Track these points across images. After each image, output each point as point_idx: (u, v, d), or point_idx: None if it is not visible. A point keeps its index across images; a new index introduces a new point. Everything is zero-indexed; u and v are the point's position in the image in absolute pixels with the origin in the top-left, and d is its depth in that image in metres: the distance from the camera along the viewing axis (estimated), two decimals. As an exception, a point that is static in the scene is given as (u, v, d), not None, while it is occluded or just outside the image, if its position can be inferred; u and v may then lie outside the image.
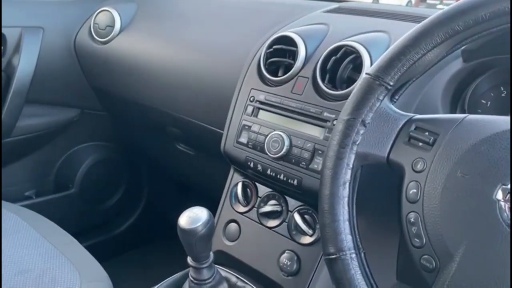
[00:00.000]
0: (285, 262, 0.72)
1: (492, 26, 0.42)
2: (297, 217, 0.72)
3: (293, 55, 0.75)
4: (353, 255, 0.43)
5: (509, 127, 0.39)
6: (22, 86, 1.08)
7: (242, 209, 0.80)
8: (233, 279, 0.73)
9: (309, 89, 0.71)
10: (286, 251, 0.72)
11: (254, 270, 0.75)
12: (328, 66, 0.69)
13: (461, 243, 0.38)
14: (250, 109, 0.77)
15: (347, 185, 0.45)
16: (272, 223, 0.75)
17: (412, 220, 0.42)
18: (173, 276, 0.71)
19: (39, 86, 1.12)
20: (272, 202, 0.76)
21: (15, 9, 1.09)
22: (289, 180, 0.70)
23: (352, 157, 0.45)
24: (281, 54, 0.77)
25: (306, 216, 0.73)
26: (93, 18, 1.14)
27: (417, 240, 0.41)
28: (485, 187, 0.38)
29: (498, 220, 0.37)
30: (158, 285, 0.70)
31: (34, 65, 1.09)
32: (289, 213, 0.74)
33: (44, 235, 0.86)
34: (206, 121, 0.94)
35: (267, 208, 0.76)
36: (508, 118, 0.41)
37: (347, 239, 0.44)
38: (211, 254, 0.65)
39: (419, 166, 0.42)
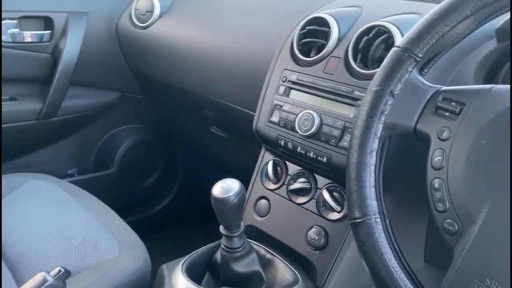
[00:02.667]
0: (313, 237, 0.74)
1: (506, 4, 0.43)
2: (325, 194, 0.74)
3: (326, 36, 0.77)
4: (378, 220, 0.45)
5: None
6: (68, 68, 1.15)
7: (272, 186, 0.82)
8: (262, 251, 0.76)
9: (341, 69, 0.73)
10: (314, 227, 0.74)
11: (282, 244, 0.77)
12: (360, 46, 0.71)
13: (483, 206, 0.40)
14: (282, 89, 0.79)
15: (374, 153, 0.47)
16: (301, 199, 0.78)
17: (436, 186, 0.43)
18: (206, 246, 0.75)
19: (83, 69, 1.18)
20: (302, 179, 0.78)
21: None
22: (319, 158, 0.72)
23: (380, 127, 0.47)
24: (314, 35, 0.79)
25: (334, 193, 0.74)
26: (134, 4, 1.18)
27: (441, 205, 0.43)
28: (508, 152, 0.39)
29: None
30: (192, 253, 0.73)
31: (79, 49, 1.15)
32: (318, 190, 0.76)
33: (86, 207, 0.92)
34: (239, 103, 0.97)
35: (296, 185, 0.78)
36: None
37: (372, 204, 0.46)
38: (242, 224, 0.68)
39: (444, 135, 0.44)
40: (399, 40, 0.68)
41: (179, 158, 1.50)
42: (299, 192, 0.78)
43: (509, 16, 0.63)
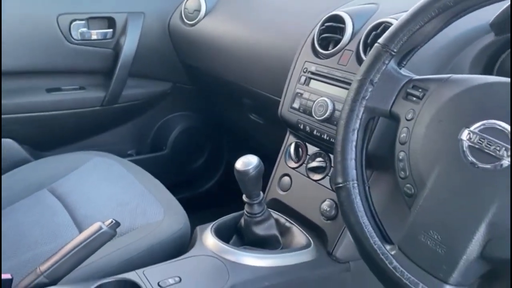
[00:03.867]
0: (326, 209, 0.84)
1: (480, 1, 0.51)
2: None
3: (342, 31, 0.86)
4: (355, 185, 0.56)
5: (482, 82, 0.48)
6: (127, 61, 1.32)
7: (294, 165, 0.94)
8: (282, 220, 0.88)
9: (353, 61, 0.82)
10: (327, 200, 0.85)
11: (300, 215, 0.89)
12: (369, 40, 0.80)
13: (432, 172, 0.49)
14: (303, 79, 0.90)
15: (355, 132, 0.57)
16: (318, 176, 0.88)
17: (400, 157, 0.53)
18: (232, 214, 0.88)
19: (140, 62, 1.35)
20: (319, 159, 0.89)
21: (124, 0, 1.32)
22: (331, 139, 0.82)
23: (362, 109, 0.57)
24: (332, 30, 0.88)
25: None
26: (183, 4, 1.33)
27: (403, 173, 0.52)
28: (453, 130, 0.48)
29: (460, 155, 0.47)
30: (221, 218, 0.87)
31: (136, 44, 1.32)
32: (332, 168, 0.86)
33: (140, 181, 1.08)
34: (270, 91, 1.08)
35: (314, 164, 0.89)
36: (484, 76, 0.50)
37: (352, 173, 0.56)
38: (261, 193, 0.80)
39: (410, 116, 0.53)
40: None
41: (224, 142, 1.64)
42: (316, 170, 0.89)
43: (500, 10, 0.69)
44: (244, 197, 0.80)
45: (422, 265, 0.47)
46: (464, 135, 0.47)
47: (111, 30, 1.30)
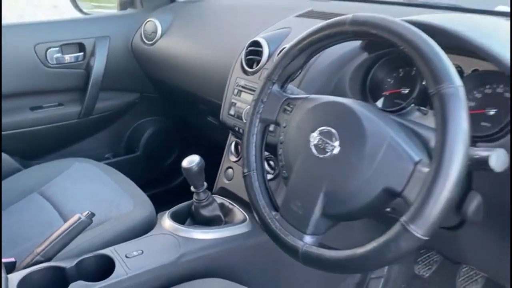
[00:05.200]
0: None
1: (323, 44, 0.75)
2: (264, 163, 1.09)
3: (261, 54, 1.10)
4: (255, 173, 0.79)
5: (324, 101, 0.72)
6: (97, 79, 1.54)
7: (235, 159, 1.17)
8: (226, 203, 1.12)
9: (269, 77, 1.06)
10: (258, 185, 1.09)
11: (240, 198, 1.13)
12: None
13: (296, 163, 0.73)
14: (236, 91, 1.14)
15: (254, 135, 0.81)
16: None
17: (279, 153, 0.77)
18: (186, 202, 1.11)
19: (109, 78, 1.57)
20: (252, 154, 1.13)
21: (91, 25, 1.54)
22: (258, 138, 1.06)
23: (257, 120, 0.81)
24: (255, 53, 1.12)
25: (270, 162, 1.09)
26: (142, 27, 1.55)
27: (281, 163, 0.76)
28: (306, 133, 0.72)
29: (309, 150, 0.71)
30: (176, 206, 1.10)
31: (104, 63, 1.54)
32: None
33: (114, 180, 1.30)
34: (218, 98, 1.32)
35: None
36: (326, 96, 0.74)
37: (253, 165, 0.80)
38: (205, 183, 1.03)
39: (284, 124, 0.77)
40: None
41: (191, 142, 1.87)
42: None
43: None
44: (191, 188, 1.04)
45: (292, 223, 0.71)
46: (311, 137, 0.71)
47: (81, 53, 1.52)
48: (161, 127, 1.81)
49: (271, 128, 0.86)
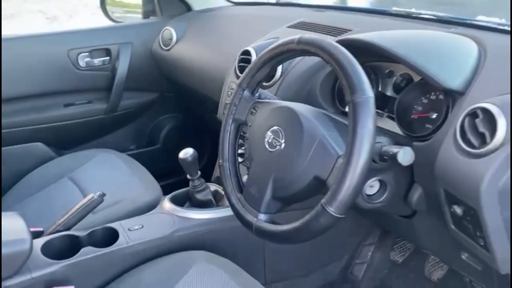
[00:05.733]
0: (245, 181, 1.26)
1: (280, 59, 0.91)
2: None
3: (251, 61, 1.26)
4: (227, 164, 0.96)
5: (278, 105, 0.89)
6: (121, 80, 1.75)
7: (229, 152, 1.35)
8: (220, 190, 1.30)
9: (256, 81, 1.23)
10: (245, 175, 1.26)
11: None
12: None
13: (255, 156, 0.90)
14: (229, 93, 1.31)
15: (228, 133, 0.98)
16: (241, 159, 1.28)
17: (244, 147, 0.94)
18: (185, 188, 1.30)
19: (132, 79, 1.78)
20: (242, 148, 1.30)
21: (116, 33, 1.76)
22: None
23: (231, 120, 0.98)
24: (246, 60, 1.29)
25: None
26: (160, 34, 1.76)
27: (245, 155, 0.93)
28: (263, 131, 0.88)
29: (265, 146, 0.87)
30: (176, 191, 1.29)
31: (127, 66, 1.75)
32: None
33: (130, 168, 1.51)
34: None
35: (240, 151, 1.30)
36: (280, 101, 0.90)
37: (226, 157, 0.97)
38: (199, 172, 1.22)
39: (250, 123, 0.94)
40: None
41: (205, 137, 2.07)
42: (240, 155, 1.30)
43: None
44: (188, 176, 1.23)
45: (250, 203, 0.88)
46: (266, 135, 0.87)
47: (108, 57, 1.74)
48: (178, 123, 2.02)
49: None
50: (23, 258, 0.92)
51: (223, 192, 1.29)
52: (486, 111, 0.75)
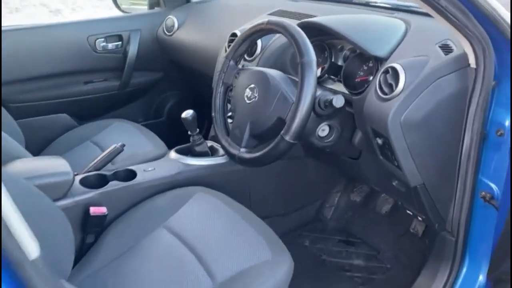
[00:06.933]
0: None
1: (255, 37, 1.24)
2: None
3: (238, 41, 1.59)
4: (218, 115, 1.30)
5: (255, 70, 1.22)
6: (131, 61, 2.08)
7: (222, 115, 1.69)
8: (215, 145, 1.64)
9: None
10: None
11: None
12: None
13: (238, 107, 1.23)
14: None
15: (219, 94, 1.31)
16: (230, 120, 1.63)
17: (231, 103, 1.27)
18: (188, 143, 1.64)
19: (140, 61, 2.11)
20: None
21: (127, 21, 2.08)
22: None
23: (221, 84, 1.31)
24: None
25: None
26: (164, 22, 2.08)
27: (231, 107, 1.27)
28: (243, 89, 1.21)
29: (244, 99, 1.21)
30: (180, 146, 1.62)
31: (137, 50, 2.08)
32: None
33: (145, 136, 1.83)
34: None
35: (228, 114, 1.63)
36: (258, 68, 1.23)
37: (217, 109, 1.31)
38: (197, 129, 1.55)
39: (234, 85, 1.27)
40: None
41: (204, 110, 2.39)
42: (230, 117, 1.63)
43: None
44: (188, 132, 1.56)
45: (234, 142, 1.22)
46: (246, 91, 1.21)
47: (120, 42, 2.07)
48: (180, 99, 2.35)
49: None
50: (68, 186, 1.25)
51: (216, 147, 1.64)
52: (393, 69, 1.08)
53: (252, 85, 1.20)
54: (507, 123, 1.07)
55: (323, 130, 1.22)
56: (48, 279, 0.57)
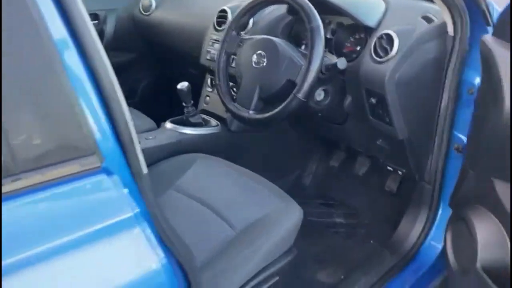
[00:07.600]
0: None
1: (256, 8, 1.35)
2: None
3: (227, 17, 1.69)
4: (222, 82, 1.39)
5: (260, 38, 1.33)
6: (108, 40, 2.09)
7: (210, 90, 1.77)
8: (206, 117, 1.72)
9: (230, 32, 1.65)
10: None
11: (214, 114, 1.73)
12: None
13: (243, 71, 1.34)
14: (210, 43, 1.73)
15: (222, 63, 1.41)
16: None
17: (234, 65, 1.38)
18: (182, 115, 1.70)
19: (117, 40, 2.13)
20: (221, 84, 1.73)
21: (103, 0, 2.09)
22: (225, 72, 1.66)
23: (223, 53, 1.41)
24: (223, 17, 1.71)
25: (234, 88, 1.69)
26: (141, 2, 2.12)
27: (237, 75, 1.37)
28: (250, 54, 1.32)
29: (252, 64, 1.31)
30: (175, 117, 1.69)
31: (113, 29, 2.10)
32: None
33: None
34: (196, 52, 1.90)
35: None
36: (263, 36, 1.35)
37: (221, 77, 1.40)
38: (191, 101, 1.63)
39: (238, 53, 1.37)
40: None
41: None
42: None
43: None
44: (183, 103, 1.64)
45: (242, 105, 1.32)
46: (253, 57, 1.32)
47: (96, 21, 2.07)
48: (153, 80, 2.39)
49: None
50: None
51: (208, 119, 1.73)
52: (388, 35, 1.25)
53: (259, 51, 1.31)
54: (476, 81, 1.28)
55: (319, 94, 1.36)
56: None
